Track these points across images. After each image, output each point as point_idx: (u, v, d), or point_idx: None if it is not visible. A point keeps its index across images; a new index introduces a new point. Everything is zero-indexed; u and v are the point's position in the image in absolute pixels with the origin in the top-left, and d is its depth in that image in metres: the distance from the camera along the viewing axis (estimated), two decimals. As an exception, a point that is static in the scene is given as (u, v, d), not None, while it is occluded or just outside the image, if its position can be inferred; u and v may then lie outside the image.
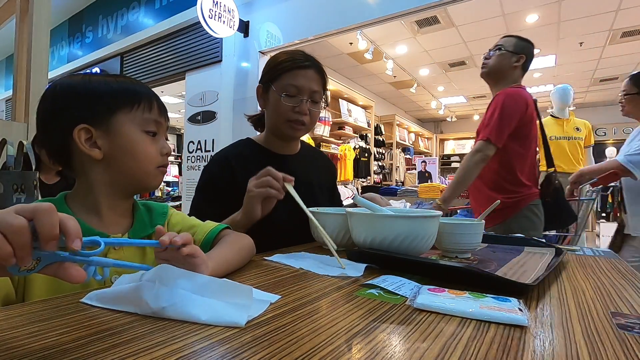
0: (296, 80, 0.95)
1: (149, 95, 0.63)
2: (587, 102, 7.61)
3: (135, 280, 0.43)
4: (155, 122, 0.63)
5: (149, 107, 0.62)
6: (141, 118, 0.61)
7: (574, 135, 3.02)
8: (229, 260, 0.59)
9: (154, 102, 0.63)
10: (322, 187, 1.12)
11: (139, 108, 0.61)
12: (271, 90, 0.97)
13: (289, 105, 0.95)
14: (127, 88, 0.61)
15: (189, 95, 4.14)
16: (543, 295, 0.52)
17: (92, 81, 0.60)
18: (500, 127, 1.55)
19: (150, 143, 0.62)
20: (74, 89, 0.59)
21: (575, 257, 0.83)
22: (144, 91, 0.63)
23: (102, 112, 0.58)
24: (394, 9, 2.94)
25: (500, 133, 1.55)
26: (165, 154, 0.65)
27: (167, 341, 0.33)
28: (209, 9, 3.31)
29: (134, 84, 0.63)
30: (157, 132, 0.64)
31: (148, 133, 0.62)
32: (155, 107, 0.63)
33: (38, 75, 1.93)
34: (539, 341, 0.36)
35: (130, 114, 0.60)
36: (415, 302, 0.45)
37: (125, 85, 0.61)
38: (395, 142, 7.03)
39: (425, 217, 0.68)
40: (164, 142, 0.65)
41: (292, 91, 0.95)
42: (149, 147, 0.62)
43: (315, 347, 0.33)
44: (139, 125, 0.61)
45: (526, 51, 1.69)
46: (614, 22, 4.23)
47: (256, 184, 0.81)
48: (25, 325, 0.36)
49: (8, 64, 6.77)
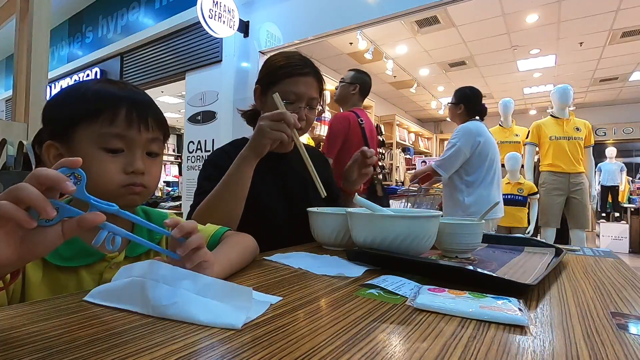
0: (296, 87, 0.95)
1: (116, 105, 0.55)
2: (587, 102, 7.61)
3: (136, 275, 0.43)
4: (120, 137, 0.55)
5: (109, 120, 0.54)
6: (99, 133, 0.54)
7: (574, 135, 3.02)
8: (233, 263, 0.59)
9: (121, 112, 0.55)
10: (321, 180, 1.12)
11: (97, 121, 0.54)
12: (269, 94, 0.97)
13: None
14: (89, 96, 0.54)
15: (189, 95, 4.14)
16: (543, 295, 0.52)
17: (67, 89, 0.56)
18: (330, 143, 2.12)
19: (109, 161, 0.55)
20: (53, 100, 0.55)
21: (575, 257, 0.83)
22: (110, 99, 0.55)
23: (64, 126, 0.53)
24: (394, 9, 2.94)
25: (331, 148, 2.09)
26: (132, 171, 0.56)
27: (167, 341, 0.33)
28: (209, 9, 3.30)
29: (105, 91, 0.55)
30: (123, 148, 0.56)
31: (107, 150, 0.55)
32: (120, 119, 0.55)
33: (38, 75, 1.93)
34: (539, 341, 0.36)
35: (89, 127, 0.54)
36: (415, 302, 0.45)
37: (90, 92, 0.55)
38: (395, 142, 7.02)
39: (425, 217, 0.68)
40: (132, 159, 0.56)
41: (291, 98, 0.95)
42: (106, 166, 0.54)
43: (315, 347, 0.33)
44: (95, 141, 0.54)
45: (359, 81, 2.24)
46: (614, 22, 4.23)
47: (271, 125, 0.81)
48: (26, 325, 0.36)
49: (8, 64, 6.77)
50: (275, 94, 0.86)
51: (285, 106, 0.95)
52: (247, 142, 1.05)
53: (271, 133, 0.81)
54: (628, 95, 7.15)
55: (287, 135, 0.82)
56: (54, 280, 0.54)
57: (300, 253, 0.78)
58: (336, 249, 0.84)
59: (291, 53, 1.01)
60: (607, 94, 7.12)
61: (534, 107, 8.04)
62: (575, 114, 3.21)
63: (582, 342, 0.36)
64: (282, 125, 0.81)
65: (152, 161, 0.61)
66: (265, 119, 0.82)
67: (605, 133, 7.86)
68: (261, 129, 0.82)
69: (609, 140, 7.79)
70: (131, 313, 0.40)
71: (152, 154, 0.61)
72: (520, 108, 7.93)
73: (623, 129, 7.74)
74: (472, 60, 5.56)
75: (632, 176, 6.92)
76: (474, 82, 6.54)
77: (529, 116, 7.80)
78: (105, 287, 0.44)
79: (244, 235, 0.72)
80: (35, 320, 0.38)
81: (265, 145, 0.82)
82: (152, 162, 0.61)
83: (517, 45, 4.94)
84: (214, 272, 0.51)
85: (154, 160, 0.61)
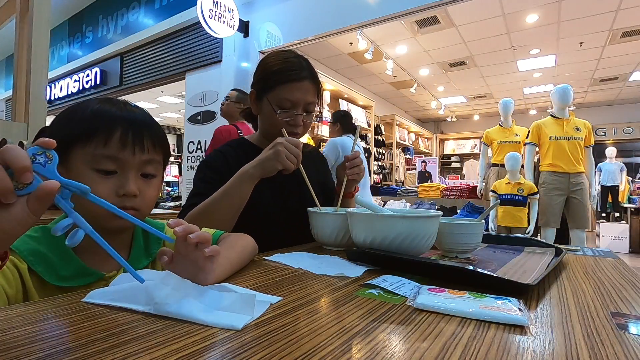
0: (291, 94, 0.92)
1: (111, 126, 0.54)
2: (587, 102, 7.61)
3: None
4: (112, 159, 0.55)
5: (104, 142, 0.54)
6: (92, 154, 0.53)
7: (574, 135, 3.01)
8: (233, 263, 0.59)
9: (115, 134, 0.54)
10: (317, 183, 1.12)
11: (92, 142, 0.53)
12: (265, 100, 0.96)
13: (283, 120, 0.94)
14: (86, 116, 0.54)
15: (189, 95, 4.15)
16: (543, 295, 0.52)
17: (68, 109, 0.56)
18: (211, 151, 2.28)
19: (101, 182, 0.54)
20: (56, 119, 0.55)
21: (575, 257, 0.83)
22: (107, 121, 0.55)
23: (60, 146, 0.54)
24: (394, 9, 2.94)
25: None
26: (123, 194, 0.55)
27: (167, 341, 0.33)
28: (209, 9, 3.31)
29: (101, 111, 0.55)
30: (116, 170, 0.55)
31: (99, 172, 0.54)
32: (114, 140, 0.54)
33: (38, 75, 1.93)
34: (539, 341, 0.36)
35: (84, 149, 0.53)
36: (415, 302, 0.45)
37: (87, 112, 0.55)
38: (395, 142, 7.03)
39: (425, 217, 0.68)
40: (124, 181, 0.56)
41: (286, 105, 0.93)
42: (97, 187, 0.53)
43: (315, 347, 0.33)
44: (89, 163, 0.54)
45: (244, 101, 2.64)
46: (614, 22, 4.23)
47: (288, 154, 0.81)
48: (25, 325, 0.36)
49: (8, 64, 6.77)
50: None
51: (281, 113, 0.94)
52: (246, 143, 1.06)
53: (285, 162, 0.81)
54: (628, 95, 7.16)
55: (294, 164, 0.83)
56: None
57: (300, 253, 0.77)
58: (336, 249, 0.84)
59: (286, 54, 0.98)
60: (607, 94, 7.12)
61: (534, 107, 8.05)
62: (575, 114, 3.21)
63: (582, 342, 0.36)
64: (296, 156, 0.82)
65: (147, 183, 0.59)
66: (283, 146, 0.81)
67: (605, 133, 7.86)
68: (278, 154, 0.81)
69: (609, 140, 7.79)
70: (131, 313, 0.40)
71: (148, 176, 0.60)
72: (520, 108, 7.94)
73: (623, 129, 7.74)
74: (472, 60, 5.57)
75: (632, 176, 6.92)
76: (474, 82, 6.59)
77: (529, 116, 7.81)
78: (105, 289, 0.45)
79: (242, 235, 0.72)
80: (35, 320, 0.38)
81: (276, 169, 0.82)
82: (147, 183, 0.59)
83: (517, 45, 4.94)
84: (215, 275, 0.51)
85: (149, 181, 0.60)
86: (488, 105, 8.10)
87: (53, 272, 0.54)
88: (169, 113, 8.63)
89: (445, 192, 4.00)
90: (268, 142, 1.03)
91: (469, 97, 7.66)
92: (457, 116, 9.08)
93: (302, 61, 0.97)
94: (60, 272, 0.54)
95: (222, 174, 0.96)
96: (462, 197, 3.90)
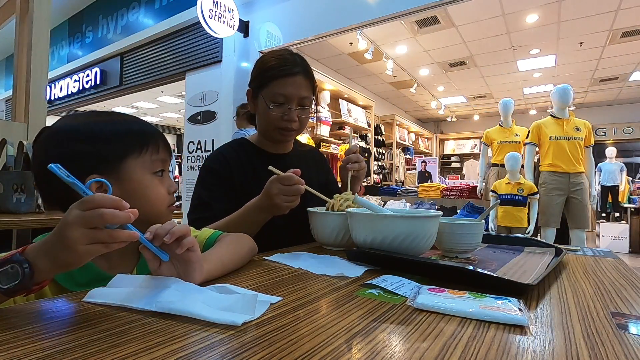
0: (284, 89, 0.93)
1: (155, 135, 0.61)
2: (587, 102, 7.61)
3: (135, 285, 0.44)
4: (162, 162, 0.62)
5: (156, 149, 0.60)
6: (150, 161, 0.59)
7: (574, 135, 3.01)
8: (225, 262, 0.59)
9: (160, 141, 0.62)
10: (318, 183, 1.12)
11: (147, 151, 0.59)
12: (260, 97, 0.97)
13: (277, 115, 0.94)
14: (135, 130, 0.59)
15: (189, 95, 4.15)
16: (543, 295, 0.52)
17: (98, 125, 0.57)
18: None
19: (160, 184, 0.61)
20: (80, 135, 0.55)
21: (575, 257, 0.83)
22: (150, 131, 0.61)
23: (112, 160, 0.56)
24: (394, 9, 2.94)
25: None
26: (172, 192, 0.63)
27: (167, 341, 0.33)
28: (209, 9, 3.31)
29: (140, 125, 0.61)
30: (164, 169, 0.62)
31: (157, 174, 0.61)
32: (161, 146, 0.62)
33: (38, 75, 1.93)
34: (539, 341, 0.36)
35: (140, 158, 0.58)
36: (415, 302, 0.45)
37: (133, 127, 0.60)
38: (395, 142, 7.03)
39: (425, 217, 0.68)
40: (169, 180, 0.64)
41: (280, 100, 0.94)
42: (160, 189, 0.60)
43: (315, 347, 0.33)
44: (148, 168, 0.59)
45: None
46: (614, 22, 4.23)
47: (287, 199, 0.79)
48: (26, 325, 0.36)
49: (8, 64, 6.77)
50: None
51: (274, 108, 0.94)
52: (247, 143, 1.06)
53: (286, 207, 0.81)
54: (628, 95, 7.16)
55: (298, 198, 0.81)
56: None
57: (300, 253, 0.77)
58: (336, 249, 0.84)
59: (281, 52, 0.98)
60: (607, 94, 7.12)
61: (534, 107, 8.05)
62: (575, 114, 3.21)
63: (582, 342, 0.36)
64: (296, 195, 0.79)
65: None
66: (281, 196, 0.79)
67: (605, 133, 7.86)
68: (279, 207, 0.80)
69: (609, 140, 7.79)
70: (131, 313, 0.40)
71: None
72: (520, 108, 7.94)
73: (623, 129, 7.74)
74: (472, 60, 5.56)
75: (632, 176, 6.92)
76: (474, 82, 6.59)
77: (529, 116, 7.80)
78: (105, 289, 0.45)
79: (241, 235, 0.72)
80: (35, 320, 0.38)
81: (282, 210, 0.81)
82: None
83: (517, 45, 4.94)
84: (204, 269, 0.51)
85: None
86: (488, 105, 8.10)
87: (70, 279, 0.55)
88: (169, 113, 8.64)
89: (445, 192, 3.99)
90: (267, 141, 1.04)
91: (469, 97, 7.66)
92: (457, 116, 9.08)
93: (296, 58, 0.98)
94: (77, 279, 0.55)
95: (223, 177, 0.97)
96: (462, 197, 3.89)
